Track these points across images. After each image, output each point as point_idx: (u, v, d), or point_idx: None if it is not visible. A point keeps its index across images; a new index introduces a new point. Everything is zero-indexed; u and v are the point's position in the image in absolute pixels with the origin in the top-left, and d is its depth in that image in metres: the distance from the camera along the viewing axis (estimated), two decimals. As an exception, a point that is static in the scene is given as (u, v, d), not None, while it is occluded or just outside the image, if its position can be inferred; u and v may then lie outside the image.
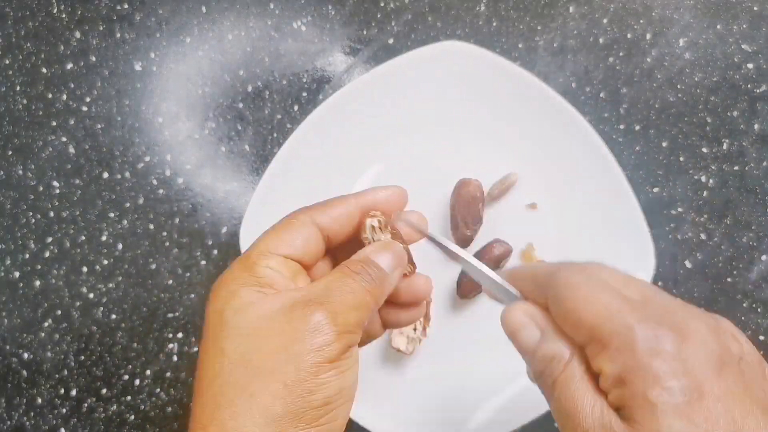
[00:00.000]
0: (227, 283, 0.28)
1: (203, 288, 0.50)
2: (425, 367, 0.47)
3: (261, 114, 0.52)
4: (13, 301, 0.51)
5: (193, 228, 0.51)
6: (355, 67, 0.52)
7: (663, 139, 0.49)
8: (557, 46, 0.51)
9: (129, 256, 0.51)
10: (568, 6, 0.51)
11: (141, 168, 0.52)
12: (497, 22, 0.51)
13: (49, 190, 0.52)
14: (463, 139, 0.49)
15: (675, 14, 0.50)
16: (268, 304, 0.27)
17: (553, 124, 0.47)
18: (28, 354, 0.51)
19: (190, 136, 0.52)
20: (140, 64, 0.53)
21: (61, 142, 0.53)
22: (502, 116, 0.48)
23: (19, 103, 0.53)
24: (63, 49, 0.53)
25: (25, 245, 0.52)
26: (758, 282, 0.48)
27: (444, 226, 0.48)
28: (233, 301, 0.27)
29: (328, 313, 0.26)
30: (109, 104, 0.53)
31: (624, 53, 0.50)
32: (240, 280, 0.27)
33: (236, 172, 0.52)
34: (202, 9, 0.53)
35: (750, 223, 0.48)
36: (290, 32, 0.52)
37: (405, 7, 0.52)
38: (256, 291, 0.27)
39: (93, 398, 0.50)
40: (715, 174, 0.49)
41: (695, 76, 0.50)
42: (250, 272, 0.27)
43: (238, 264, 0.28)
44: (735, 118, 0.49)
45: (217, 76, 0.52)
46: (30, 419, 0.50)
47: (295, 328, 0.25)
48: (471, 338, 0.47)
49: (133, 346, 0.50)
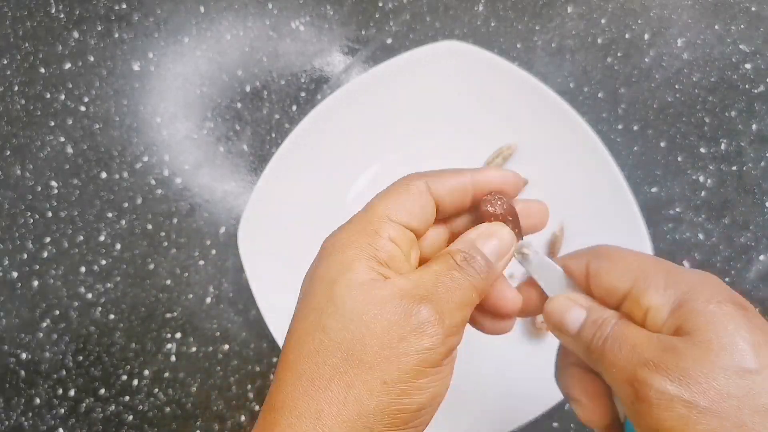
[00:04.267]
0: (345, 248, 0.26)
1: (201, 288, 0.50)
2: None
3: (259, 114, 0.52)
4: (11, 301, 0.51)
5: (192, 228, 0.51)
6: (354, 67, 0.52)
7: (661, 139, 0.49)
8: (555, 46, 0.51)
9: (127, 256, 0.51)
10: (566, 6, 0.51)
11: (139, 168, 0.52)
12: (495, 22, 0.51)
13: (47, 190, 0.52)
14: (461, 139, 0.49)
15: (673, 14, 0.50)
16: (380, 290, 0.25)
17: (551, 124, 0.47)
18: (27, 354, 0.51)
19: (189, 136, 0.52)
20: (138, 64, 0.53)
21: (59, 142, 0.52)
22: (500, 117, 0.48)
23: (17, 103, 0.53)
24: (61, 49, 0.53)
25: (24, 245, 0.52)
26: (756, 282, 0.48)
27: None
28: (348, 275, 0.25)
29: (436, 313, 0.25)
30: (107, 104, 0.53)
31: (622, 53, 0.50)
32: (358, 248, 0.26)
33: (234, 172, 0.52)
34: (200, 9, 0.53)
35: (748, 223, 0.48)
36: (288, 32, 0.52)
37: (403, 7, 0.52)
38: (373, 269, 0.25)
39: (91, 398, 0.50)
40: (713, 174, 0.49)
41: (693, 76, 0.50)
42: (371, 240, 0.26)
43: (358, 226, 0.27)
44: (733, 118, 0.49)
45: (216, 76, 0.52)
46: (28, 419, 0.50)
47: (402, 324, 0.24)
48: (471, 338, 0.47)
49: (131, 347, 0.50)
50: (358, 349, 0.24)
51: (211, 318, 0.50)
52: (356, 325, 0.24)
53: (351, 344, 0.24)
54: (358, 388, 0.24)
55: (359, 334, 0.24)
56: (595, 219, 0.47)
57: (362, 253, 0.26)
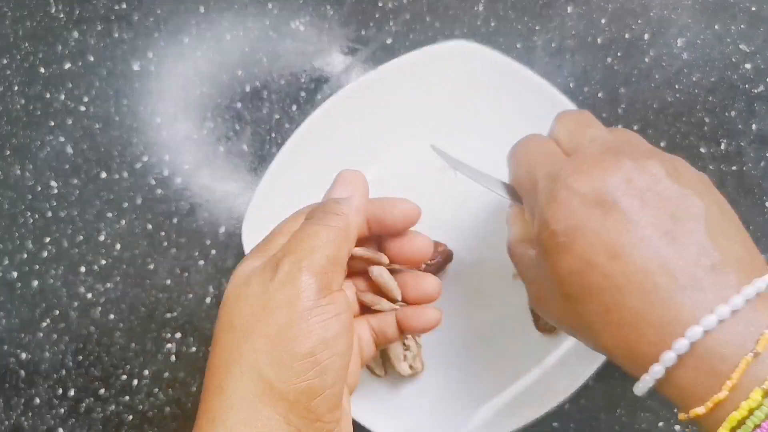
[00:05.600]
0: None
1: (201, 288, 0.50)
2: (426, 366, 0.47)
3: (259, 114, 0.52)
4: (11, 302, 0.51)
5: (192, 228, 0.51)
6: (354, 67, 0.52)
7: (661, 139, 0.49)
8: (555, 46, 0.51)
9: (127, 256, 0.51)
10: (566, 6, 0.51)
11: (139, 168, 0.52)
12: (495, 22, 0.51)
13: (47, 190, 0.52)
14: (465, 140, 0.49)
15: (673, 14, 0.50)
16: (247, 268, 0.28)
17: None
18: (26, 354, 0.51)
19: (189, 136, 0.52)
20: (138, 64, 0.53)
21: (59, 142, 0.52)
22: (507, 118, 0.47)
23: (16, 103, 0.53)
24: (61, 49, 0.53)
25: (23, 245, 0.52)
26: (756, 282, 0.48)
27: (445, 227, 0.48)
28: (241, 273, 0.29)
29: (291, 262, 0.27)
30: (107, 104, 0.53)
31: (622, 53, 0.50)
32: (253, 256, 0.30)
33: (234, 172, 0.52)
34: (200, 9, 0.53)
35: (748, 223, 0.48)
36: (288, 32, 0.52)
37: (403, 7, 0.52)
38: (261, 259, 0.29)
39: (91, 398, 0.50)
40: (713, 174, 0.49)
41: (693, 76, 0.50)
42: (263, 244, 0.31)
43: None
44: (733, 118, 0.49)
45: (215, 76, 0.52)
46: (28, 419, 0.50)
47: (266, 286, 0.27)
48: (471, 338, 0.47)
49: (131, 346, 0.50)
50: (239, 321, 0.27)
51: (211, 318, 0.50)
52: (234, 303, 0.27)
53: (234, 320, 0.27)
54: (248, 353, 0.26)
55: (238, 309, 0.27)
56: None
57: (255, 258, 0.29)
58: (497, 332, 0.47)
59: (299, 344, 0.25)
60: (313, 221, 0.29)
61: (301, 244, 0.27)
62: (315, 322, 0.26)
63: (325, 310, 0.26)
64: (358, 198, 0.31)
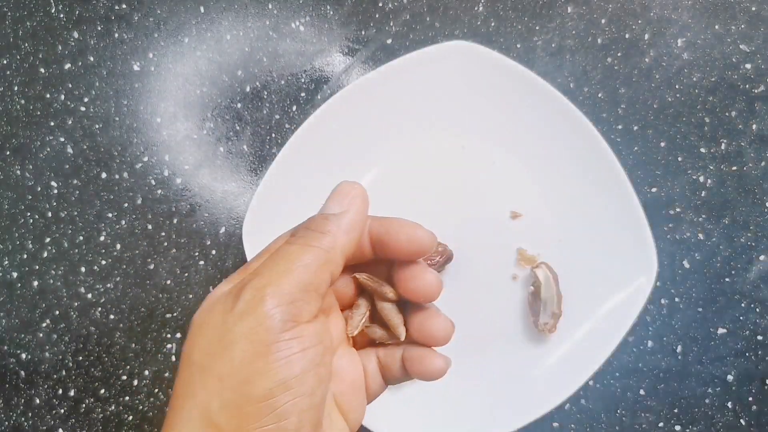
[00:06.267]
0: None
1: (201, 288, 0.50)
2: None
3: (259, 114, 0.52)
4: (11, 302, 0.51)
5: (192, 228, 0.51)
6: (354, 67, 0.52)
7: (661, 139, 0.49)
8: (555, 47, 0.51)
9: (127, 256, 0.51)
10: (566, 6, 0.51)
11: (139, 168, 0.52)
12: (495, 23, 0.51)
13: (48, 190, 0.52)
14: (464, 140, 0.49)
15: (673, 14, 0.50)
16: (217, 293, 0.25)
17: (556, 123, 0.46)
18: (26, 354, 0.51)
19: (189, 137, 0.52)
20: (138, 64, 0.53)
21: (59, 143, 0.52)
22: (506, 118, 0.48)
23: (17, 103, 0.53)
24: (61, 49, 0.53)
25: (24, 245, 0.52)
26: (756, 282, 0.48)
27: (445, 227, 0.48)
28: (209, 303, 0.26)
29: (255, 289, 0.23)
30: (107, 104, 0.53)
31: (622, 53, 0.50)
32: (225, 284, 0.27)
33: (234, 172, 0.51)
34: (200, 9, 0.53)
35: (748, 223, 0.48)
36: (288, 32, 0.52)
37: (403, 7, 0.52)
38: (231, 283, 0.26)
39: (91, 398, 0.50)
40: (714, 174, 0.49)
41: (693, 76, 0.50)
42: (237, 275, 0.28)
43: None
44: (733, 118, 0.49)
45: (216, 77, 0.52)
46: (28, 419, 0.50)
47: (225, 316, 0.23)
48: (471, 338, 0.47)
49: (132, 347, 0.50)
50: (196, 356, 0.23)
51: (211, 318, 0.50)
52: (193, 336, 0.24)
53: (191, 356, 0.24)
54: (200, 393, 0.23)
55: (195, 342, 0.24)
56: (598, 219, 0.46)
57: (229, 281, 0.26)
58: (497, 332, 0.47)
59: (254, 385, 0.22)
60: (293, 240, 0.25)
61: (273, 268, 0.24)
62: (275, 359, 0.22)
63: (287, 345, 0.23)
64: (352, 215, 0.27)
